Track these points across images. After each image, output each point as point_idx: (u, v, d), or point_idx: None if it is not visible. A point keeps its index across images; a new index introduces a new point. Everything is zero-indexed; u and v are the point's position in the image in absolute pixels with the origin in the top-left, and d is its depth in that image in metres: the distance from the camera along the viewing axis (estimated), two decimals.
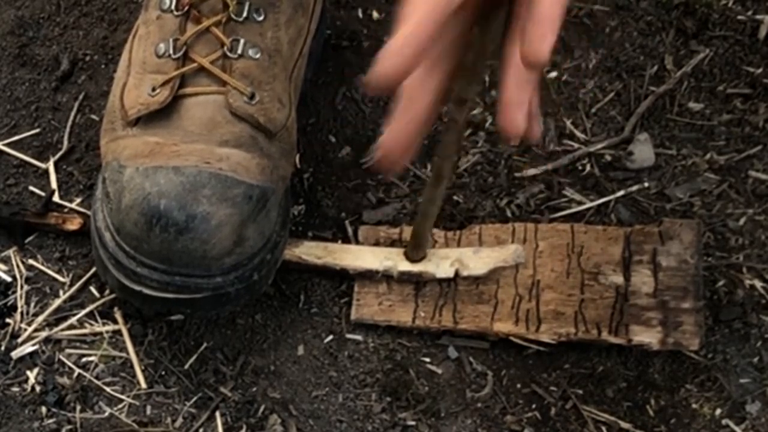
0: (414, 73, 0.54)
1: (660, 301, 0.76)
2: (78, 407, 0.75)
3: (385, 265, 0.77)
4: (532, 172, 0.84)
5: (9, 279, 0.80)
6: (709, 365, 0.77)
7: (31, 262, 0.81)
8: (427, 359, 0.78)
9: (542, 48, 0.53)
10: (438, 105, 0.59)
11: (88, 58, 0.89)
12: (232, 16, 0.74)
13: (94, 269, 0.78)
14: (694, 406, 0.76)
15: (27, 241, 0.82)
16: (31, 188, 0.83)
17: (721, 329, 0.79)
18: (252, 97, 0.74)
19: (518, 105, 0.56)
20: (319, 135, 0.86)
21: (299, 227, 0.82)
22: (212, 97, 0.73)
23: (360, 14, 0.92)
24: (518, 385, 0.77)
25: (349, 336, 0.78)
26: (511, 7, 0.56)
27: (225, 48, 0.74)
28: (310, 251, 0.79)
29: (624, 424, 0.75)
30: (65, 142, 0.85)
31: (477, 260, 0.77)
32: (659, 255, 0.78)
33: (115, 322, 0.78)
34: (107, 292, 0.79)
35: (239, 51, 0.74)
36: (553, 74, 0.88)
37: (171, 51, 0.74)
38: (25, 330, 0.78)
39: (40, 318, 0.78)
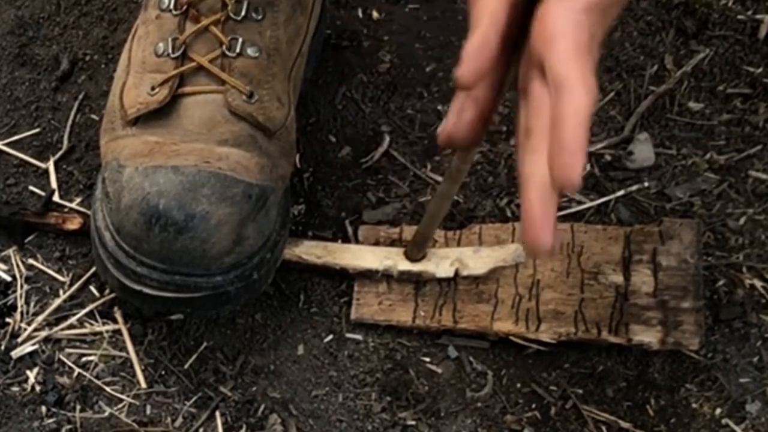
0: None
1: (660, 301, 0.76)
2: (78, 407, 0.75)
3: (385, 264, 0.77)
4: None
5: (9, 278, 0.80)
6: (709, 365, 0.77)
7: (31, 261, 0.81)
8: (427, 359, 0.78)
9: (574, 175, 0.53)
10: (499, 98, 0.60)
11: (88, 58, 0.89)
12: (231, 15, 0.74)
13: (94, 269, 0.78)
14: (694, 405, 0.76)
15: (27, 240, 0.82)
16: (31, 188, 0.83)
17: (721, 329, 0.78)
18: (251, 96, 0.74)
19: (545, 224, 0.56)
20: (319, 135, 0.86)
21: (299, 227, 0.82)
22: (211, 96, 0.73)
23: (360, 14, 0.92)
24: (518, 385, 0.77)
25: (349, 335, 0.78)
26: (528, 120, 0.57)
27: (224, 47, 0.74)
28: (310, 251, 0.79)
29: (624, 424, 0.75)
30: (65, 142, 0.85)
31: (477, 260, 0.77)
32: (659, 255, 0.78)
33: (115, 321, 0.78)
34: (107, 291, 0.79)
35: (238, 50, 0.74)
36: None
37: (170, 50, 0.74)
38: (25, 329, 0.78)
39: (40, 317, 0.78)
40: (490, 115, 0.60)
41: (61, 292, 0.79)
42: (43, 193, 0.83)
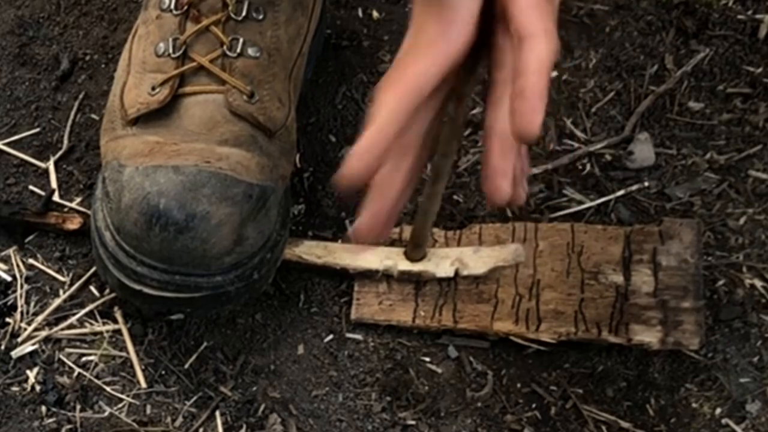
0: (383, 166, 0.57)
1: (660, 301, 0.76)
2: (78, 407, 0.75)
3: (385, 264, 0.77)
4: (532, 171, 0.84)
5: (9, 278, 0.80)
6: (709, 365, 0.77)
7: (31, 261, 0.81)
8: (427, 359, 0.78)
9: (533, 123, 0.54)
10: (410, 185, 0.61)
11: (88, 58, 0.89)
12: (232, 15, 0.74)
13: (94, 269, 0.78)
14: (694, 405, 0.76)
15: (27, 240, 0.82)
16: (31, 188, 0.83)
17: (721, 329, 0.79)
18: (251, 96, 0.74)
19: (503, 173, 0.57)
20: (319, 135, 0.86)
21: (299, 227, 0.82)
22: (212, 96, 0.73)
23: (360, 14, 0.92)
24: (518, 385, 0.77)
25: (349, 335, 0.78)
26: (491, 72, 0.57)
27: (224, 47, 0.74)
28: (310, 250, 0.79)
29: (624, 424, 0.75)
30: (65, 142, 0.85)
31: (477, 260, 0.77)
32: (659, 254, 0.78)
33: (115, 321, 0.78)
34: (107, 291, 0.79)
35: (238, 50, 0.74)
36: (553, 74, 0.88)
37: (171, 50, 0.74)
38: (25, 329, 0.78)
39: (40, 317, 0.78)
40: (394, 212, 0.60)
41: (61, 292, 0.79)
42: (43, 193, 0.83)
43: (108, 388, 0.76)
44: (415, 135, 0.59)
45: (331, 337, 0.78)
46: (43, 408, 0.75)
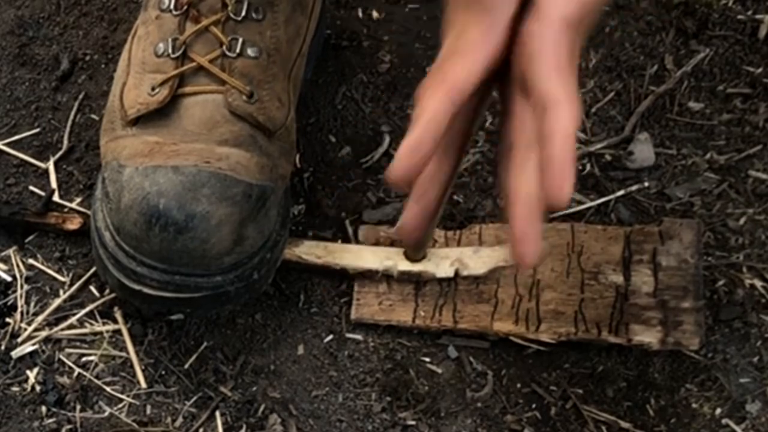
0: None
1: (660, 301, 0.76)
2: (78, 407, 0.75)
3: (385, 264, 0.77)
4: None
5: (9, 279, 0.80)
6: (709, 365, 0.77)
7: (31, 261, 0.81)
8: (427, 359, 0.78)
9: (564, 190, 0.55)
10: (451, 185, 0.64)
11: (88, 58, 0.89)
12: (231, 15, 0.74)
13: (94, 269, 0.78)
14: (694, 405, 0.76)
15: (27, 240, 0.82)
16: (31, 188, 0.83)
17: (721, 329, 0.78)
18: (251, 96, 0.74)
19: (531, 239, 0.57)
20: (319, 135, 0.86)
21: (299, 227, 0.82)
22: (211, 96, 0.73)
23: (360, 14, 0.92)
24: (518, 385, 0.77)
25: (349, 336, 0.78)
26: (509, 135, 0.58)
27: (224, 47, 0.74)
28: (310, 251, 0.79)
29: (624, 424, 0.75)
30: (65, 142, 0.85)
31: (477, 260, 0.77)
32: (659, 254, 0.78)
33: (115, 321, 0.78)
34: (107, 291, 0.79)
35: (238, 50, 0.74)
36: None
37: (170, 50, 0.74)
38: (25, 329, 0.78)
39: (40, 317, 0.78)
40: (436, 210, 0.64)
41: (61, 292, 0.79)
42: (43, 193, 0.83)
43: (108, 388, 0.76)
44: (454, 136, 0.61)
45: (331, 337, 0.78)
46: (43, 408, 0.75)
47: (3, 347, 0.77)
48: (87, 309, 0.79)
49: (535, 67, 0.56)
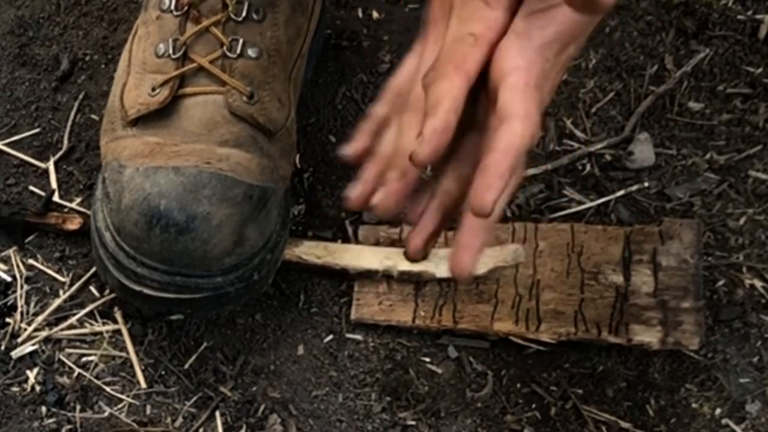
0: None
1: (660, 301, 0.76)
2: (78, 407, 0.75)
3: (385, 264, 0.77)
4: (532, 171, 0.84)
5: (9, 279, 0.80)
6: (709, 365, 0.77)
7: (31, 261, 0.81)
8: (427, 359, 0.78)
9: (485, 199, 0.57)
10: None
11: (88, 58, 0.89)
12: (232, 15, 0.74)
13: (94, 269, 0.78)
14: (694, 405, 0.76)
15: (27, 240, 0.82)
16: (31, 188, 0.83)
17: (721, 329, 0.78)
18: (251, 96, 0.74)
19: (471, 249, 0.62)
20: (319, 135, 0.86)
21: (299, 227, 0.82)
22: (212, 97, 0.73)
23: (360, 14, 0.92)
24: (518, 385, 0.77)
25: (349, 336, 0.78)
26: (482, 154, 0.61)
27: (224, 48, 0.74)
28: (310, 251, 0.79)
29: (624, 424, 0.75)
30: (65, 142, 0.85)
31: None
32: (659, 255, 0.78)
33: (115, 321, 0.78)
34: (107, 291, 0.79)
35: (238, 51, 0.74)
36: None
37: (171, 51, 0.74)
38: (25, 330, 0.78)
39: (40, 318, 0.78)
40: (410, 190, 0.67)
41: (61, 292, 0.79)
42: (43, 193, 0.83)
43: (108, 389, 0.76)
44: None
45: (331, 337, 0.78)
46: (43, 408, 0.75)
47: (3, 347, 0.77)
48: (87, 309, 0.79)
49: (504, 83, 0.58)
